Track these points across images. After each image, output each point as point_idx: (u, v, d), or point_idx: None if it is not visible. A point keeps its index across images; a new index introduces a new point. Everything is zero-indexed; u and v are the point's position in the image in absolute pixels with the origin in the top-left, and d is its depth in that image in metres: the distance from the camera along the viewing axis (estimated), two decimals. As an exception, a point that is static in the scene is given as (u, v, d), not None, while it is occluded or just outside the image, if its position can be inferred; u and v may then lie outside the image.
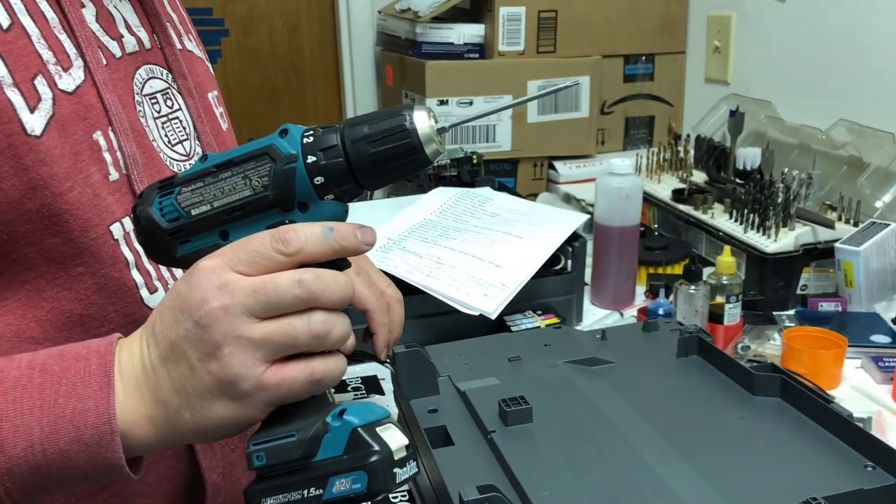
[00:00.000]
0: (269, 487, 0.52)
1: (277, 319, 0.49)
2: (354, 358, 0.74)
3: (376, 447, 0.51)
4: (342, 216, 0.53)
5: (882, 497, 0.61)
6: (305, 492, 0.51)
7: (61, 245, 0.59)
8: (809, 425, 0.71)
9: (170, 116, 0.72)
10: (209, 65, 0.83)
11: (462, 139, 1.68)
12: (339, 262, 0.53)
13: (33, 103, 0.57)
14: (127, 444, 0.51)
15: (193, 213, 0.53)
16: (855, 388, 1.03)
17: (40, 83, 0.58)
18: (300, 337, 0.50)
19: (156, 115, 0.71)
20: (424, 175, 1.47)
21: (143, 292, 0.65)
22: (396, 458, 0.52)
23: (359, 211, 0.54)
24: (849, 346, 1.04)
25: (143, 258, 0.65)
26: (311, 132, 0.51)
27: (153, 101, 0.71)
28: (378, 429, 0.52)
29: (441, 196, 1.33)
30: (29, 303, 0.60)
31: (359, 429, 0.51)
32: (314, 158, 0.50)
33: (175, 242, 0.54)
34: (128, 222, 0.64)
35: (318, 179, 0.51)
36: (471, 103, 1.67)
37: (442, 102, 1.65)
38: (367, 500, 0.52)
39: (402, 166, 0.51)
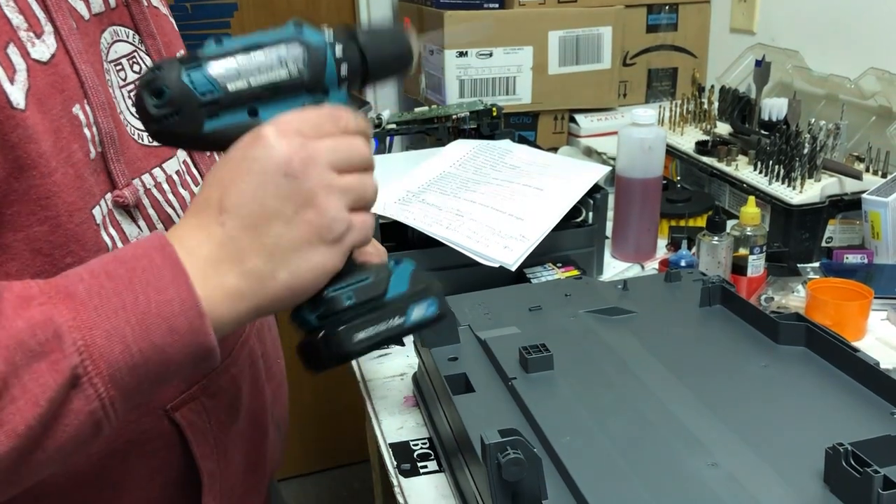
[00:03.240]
0: (356, 325, 0.58)
1: (352, 174, 0.55)
2: None
3: (434, 280, 0.62)
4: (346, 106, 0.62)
5: (908, 444, 0.60)
6: (390, 321, 0.59)
7: (49, 234, 0.55)
8: (835, 373, 0.71)
9: (136, 84, 0.65)
10: (174, 22, 0.77)
11: (481, 91, 1.66)
12: None
13: (10, 74, 0.52)
14: (215, 324, 0.51)
15: (230, 87, 0.54)
16: (880, 339, 1.02)
17: (13, 52, 0.52)
18: (369, 190, 0.56)
19: (121, 82, 0.64)
20: (443, 128, 1.45)
21: None
22: None
23: (378, 163, 0.57)
24: (875, 297, 1.03)
25: (119, 243, 0.60)
26: (329, 29, 0.58)
27: (118, 67, 0.65)
28: None
29: (460, 148, 1.32)
30: None
31: (415, 270, 0.61)
32: (341, 51, 0.58)
33: (204, 117, 0.54)
34: (104, 205, 0.59)
35: (343, 69, 0.58)
36: (490, 55, 1.64)
37: (461, 54, 1.63)
38: (436, 322, 0.62)
39: (398, 68, 0.61)
